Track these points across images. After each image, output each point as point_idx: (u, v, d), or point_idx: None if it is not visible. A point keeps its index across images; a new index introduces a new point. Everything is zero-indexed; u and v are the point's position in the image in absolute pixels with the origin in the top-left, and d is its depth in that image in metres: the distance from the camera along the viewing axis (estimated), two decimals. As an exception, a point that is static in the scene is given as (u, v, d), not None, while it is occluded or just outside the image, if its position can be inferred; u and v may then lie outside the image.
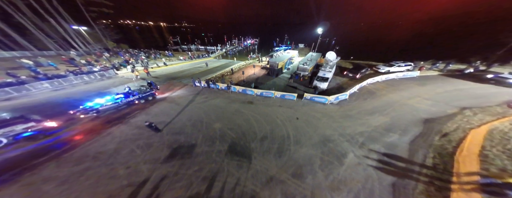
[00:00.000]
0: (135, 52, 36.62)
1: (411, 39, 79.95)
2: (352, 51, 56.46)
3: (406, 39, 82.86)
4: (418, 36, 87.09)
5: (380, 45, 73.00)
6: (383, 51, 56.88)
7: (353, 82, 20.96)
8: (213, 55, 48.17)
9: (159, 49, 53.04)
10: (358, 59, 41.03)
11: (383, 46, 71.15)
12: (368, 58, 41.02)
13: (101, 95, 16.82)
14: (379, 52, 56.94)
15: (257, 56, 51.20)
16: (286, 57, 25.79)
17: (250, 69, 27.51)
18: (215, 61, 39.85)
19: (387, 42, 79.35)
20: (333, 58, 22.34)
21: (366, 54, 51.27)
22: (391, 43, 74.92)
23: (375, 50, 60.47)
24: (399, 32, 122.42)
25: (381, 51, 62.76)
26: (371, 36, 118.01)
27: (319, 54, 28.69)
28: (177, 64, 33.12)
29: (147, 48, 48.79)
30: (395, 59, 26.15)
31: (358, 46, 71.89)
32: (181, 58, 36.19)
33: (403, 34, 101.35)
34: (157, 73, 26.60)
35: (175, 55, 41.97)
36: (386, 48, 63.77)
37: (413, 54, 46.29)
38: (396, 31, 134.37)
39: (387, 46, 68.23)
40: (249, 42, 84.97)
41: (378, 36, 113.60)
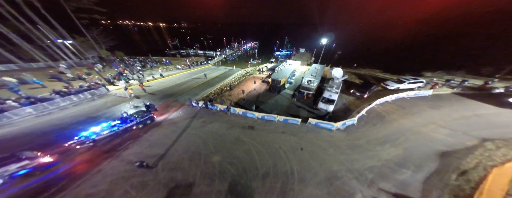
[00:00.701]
0: (130, 61, 35.23)
1: (414, 42, 77.87)
2: (354, 57, 54.94)
3: (409, 41, 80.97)
4: (422, 38, 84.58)
5: (380, 47, 71.42)
6: (385, 55, 55.05)
7: (361, 102, 19.75)
8: (212, 62, 46.85)
9: (157, 54, 51.91)
10: (362, 67, 39.96)
11: (385, 48, 69.19)
12: (372, 65, 39.88)
13: (91, 122, 15.65)
14: (382, 57, 55.15)
15: (257, 63, 50.07)
16: (288, 72, 24.50)
17: (250, 84, 26.22)
18: (214, 70, 38.57)
19: (390, 46, 77.11)
20: (339, 75, 21.00)
21: (369, 60, 50.13)
22: (395, 48, 72.85)
23: (377, 55, 58.60)
24: (400, 33, 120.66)
25: (381, 53, 61.86)
26: (373, 38, 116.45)
27: (324, 66, 27.32)
28: (174, 74, 31.81)
29: (144, 55, 47.47)
30: (400, 66, 25.15)
31: (361, 51, 69.98)
32: (179, 67, 34.85)
33: (405, 36, 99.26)
34: (153, 88, 25.29)
35: (172, 62, 40.65)
36: (386, 52, 62.70)
37: (417, 60, 44.42)
38: (397, 32, 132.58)
39: (390, 50, 66.19)
40: (249, 45, 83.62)
41: (380, 38, 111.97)
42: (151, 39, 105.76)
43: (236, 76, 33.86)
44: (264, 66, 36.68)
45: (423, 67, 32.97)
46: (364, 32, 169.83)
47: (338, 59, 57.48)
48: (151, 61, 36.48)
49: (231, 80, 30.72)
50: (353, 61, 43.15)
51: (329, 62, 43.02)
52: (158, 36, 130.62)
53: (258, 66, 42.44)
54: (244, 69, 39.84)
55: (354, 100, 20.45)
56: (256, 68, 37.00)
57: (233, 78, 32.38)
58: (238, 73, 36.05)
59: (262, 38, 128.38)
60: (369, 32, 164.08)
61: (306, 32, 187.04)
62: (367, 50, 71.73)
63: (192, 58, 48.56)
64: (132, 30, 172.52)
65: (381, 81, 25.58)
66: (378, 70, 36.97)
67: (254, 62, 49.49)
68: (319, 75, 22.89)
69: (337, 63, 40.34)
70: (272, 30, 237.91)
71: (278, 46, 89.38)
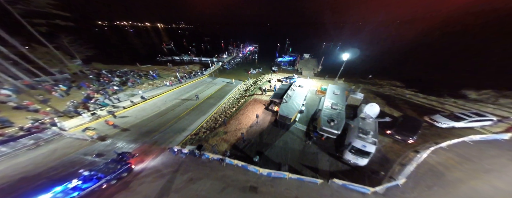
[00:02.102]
0: (106, 78, 28.52)
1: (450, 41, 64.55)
2: (368, 64, 47.86)
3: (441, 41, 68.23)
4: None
5: (400, 50, 62.70)
6: (408, 61, 47.59)
7: (402, 147, 14.56)
8: (207, 72, 41.55)
9: (147, 62, 46.58)
10: (378, 78, 34.52)
11: (407, 51, 60.79)
12: (392, 75, 34.22)
13: (27, 188, 10.73)
14: (405, 63, 47.85)
15: (258, 72, 44.80)
16: (299, 101, 19.14)
17: (251, 112, 21.02)
18: (209, 84, 33.31)
19: (414, 48, 66.25)
20: (375, 113, 15.60)
21: (388, 67, 43.53)
22: (421, 51, 63.39)
23: (398, 61, 50.89)
24: (430, 27, 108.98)
25: (402, 57, 53.36)
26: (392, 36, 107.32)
27: (344, 88, 21.80)
28: (159, 95, 26.56)
29: (131, 64, 42.14)
30: (432, 77, 19.87)
31: (376, 56, 62.04)
32: (167, 83, 29.57)
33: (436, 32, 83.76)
34: (128, 120, 20.04)
35: (161, 75, 35.36)
36: (411, 55, 54.65)
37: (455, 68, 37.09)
38: (424, 25, 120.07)
39: (415, 53, 58.48)
40: (248, 49, 78.22)
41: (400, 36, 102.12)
42: (145, 43, 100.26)
43: (234, 94, 28.68)
44: (267, 82, 31.37)
45: (465, 82, 26.51)
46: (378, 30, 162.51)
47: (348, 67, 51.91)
48: (134, 77, 30.61)
49: (229, 103, 25.55)
50: (367, 71, 37.77)
51: (336, 73, 37.54)
52: (153, 39, 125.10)
53: (259, 78, 37.23)
54: (244, 83, 34.68)
55: (391, 142, 15.22)
56: (257, 84, 31.66)
57: (230, 98, 27.19)
58: (237, 89, 30.86)
59: (262, 39, 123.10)
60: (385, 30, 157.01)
61: (308, 32, 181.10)
62: (386, 54, 62.62)
63: (186, 67, 43.24)
64: (129, 33, 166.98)
65: (416, 108, 20.33)
66: (399, 83, 31.70)
67: (254, 71, 44.26)
68: (343, 106, 17.51)
69: (347, 75, 34.93)
70: (272, 30, 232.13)
71: (279, 51, 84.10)
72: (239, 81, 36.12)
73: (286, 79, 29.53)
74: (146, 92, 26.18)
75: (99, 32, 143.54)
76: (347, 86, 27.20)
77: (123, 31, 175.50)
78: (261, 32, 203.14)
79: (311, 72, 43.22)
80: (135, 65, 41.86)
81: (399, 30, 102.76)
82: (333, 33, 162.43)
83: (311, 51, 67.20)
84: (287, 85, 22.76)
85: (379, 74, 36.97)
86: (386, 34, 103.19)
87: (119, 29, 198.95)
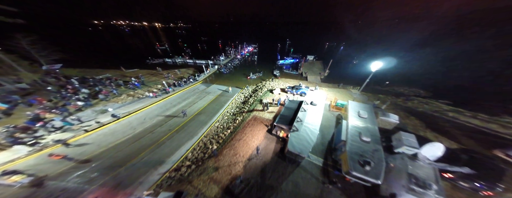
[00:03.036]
0: (70, 90, 21.82)
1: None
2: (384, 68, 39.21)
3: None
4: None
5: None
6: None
7: (467, 196, 10.13)
8: (201, 78, 36.92)
9: (135, 65, 41.80)
10: (398, 85, 29.68)
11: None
12: (413, 82, 29.02)
13: None
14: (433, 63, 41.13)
15: (258, 76, 40.28)
16: (315, 128, 14.53)
17: (250, 137, 16.48)
18: (201, 94, 28.69)
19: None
20: (436, 155, 10.90)
21: (408, 73, 36.04)
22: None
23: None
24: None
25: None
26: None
27: (371, 106, 17.05)
28: (139, 110, 21.95)
29: (115, 68, 37.37)
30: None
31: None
32: (150, 95, 24.86)
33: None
34: (88, 149, 15.40)
35: (146, 83, 30.66)
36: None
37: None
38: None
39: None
40: (248, 49, 73.52)
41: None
42: (137, 43, 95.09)
43: (230, 108, 24.15)
44: (269, 92, 26.77)
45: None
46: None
47: (357, 71, 47.05)
48: (111, 86, 25.15)
49: (223, 121, 21.01)
50: (383, 75, 33.06)
51: (346, 78, 32.91)
52: (148, 39, 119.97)
53: (260, 85, 32.65)
54: (241, 92, 30.15)
55: (448, 187, 10.74)
56: (257, 94, 27.06)
57: (225, 114, 22.64)
58: (234, 101, 26.33)
59: (261, 40, 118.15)
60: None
61: (309, 32, 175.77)
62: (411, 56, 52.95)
63: (177, 72, 38.54)
64: (124, 33, 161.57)
65: (471, 133, 15.82)
66: (424, 92, 27.02)
67: (254, 76, 39.70)
68: (378, 137, 12.84)
69: (355, 80, 30.00)
70: (272, 30, 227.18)
71: (280, 52, 79.36)
72: (237, 89, 31.56)
73: (292, 89, 24.83)
74: (122, 107, 21.52)
75: (89, 32, 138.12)
76: (366, 99, 22.71)
77: (119, 31, 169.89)
78: (260, 32, 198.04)
79: (318, 77, 38.68)
80: (119, 69, 37.13)
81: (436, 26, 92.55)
82: (335, 32, 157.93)
83: (313, 52, 62.59)
84: (295, 104, 18.05)
85: (397, 81, 32.48)
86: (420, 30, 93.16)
87: (115, 29, 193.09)
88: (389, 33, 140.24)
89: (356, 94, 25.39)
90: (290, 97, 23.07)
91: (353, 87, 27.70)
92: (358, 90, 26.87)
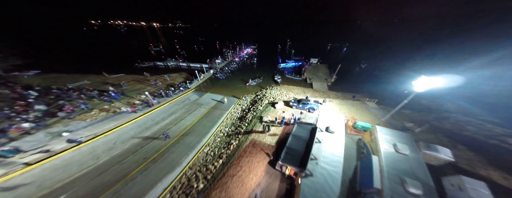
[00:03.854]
0: (20, 107, 16.93)
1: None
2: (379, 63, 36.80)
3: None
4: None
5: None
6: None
7: None
8: (194, 85, 32.85)
9: (122, 70, 37.63)
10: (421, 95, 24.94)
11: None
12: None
13: None
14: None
15: (257, 82, 36.15)
16: (337, 172, 10.52)
17: (247, 173, 12.50)
18: (191, 107, 24.66)
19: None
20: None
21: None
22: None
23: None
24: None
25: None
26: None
27: (410, 136, 12.71)
28: (110, 131, 17.84)
29: (95, 73, 33.15)
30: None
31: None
32: (127, 109, 20.62)
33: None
34: (24, 192, 11.33)
35: (128, 92, 26.50)
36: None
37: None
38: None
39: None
40: (247, 51, 69.47)
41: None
42: (130, 44, 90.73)
43: (224, 127, 20.12)
44: (270, 106, 22.72)
45: None
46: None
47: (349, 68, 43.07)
48: (81, 98, 20.77)
49: (214, 145, 16.98)
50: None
51: (357, 87, 28.52)
52: (142, 39, 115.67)
53: (259, 94, 28.65)
54: (239, 103, 26.22)
55: None
56: (256, 107, 23.00)
57: (218, 134, 18.61)
58: (229, 116, 22.31)
59: (261, 40, 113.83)
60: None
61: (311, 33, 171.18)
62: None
63: (167, 78, 34.39)
64: (119, 33, 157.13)
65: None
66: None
67: (253, 83, 35.72)
68: (430, 186, 8.86)
69: (350, 80, 25.60)
70: (272, 30, 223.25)
71: (280, 53, 75.31)
72: (234, 99, 27.57)
73: (298, 104, 20.61)
74: (88, 127, 17.36)
75: (83, 32, 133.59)
76: (385, 113, 18.66)
77: (114, 31, 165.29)
78: (259, 32, 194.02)
79: (324, 84, 34.71)
80: (100, 75, 32.93)
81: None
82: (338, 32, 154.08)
83: (316, 53, 58.64)
84: (306, 131, 13.79)
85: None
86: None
87: (111, 29, 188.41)
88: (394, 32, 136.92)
89: (374, 109, 21.45)
90: (296, 115, 19.06)
91: (369, 99, 23.71)
92: (375, 103, 22.92)
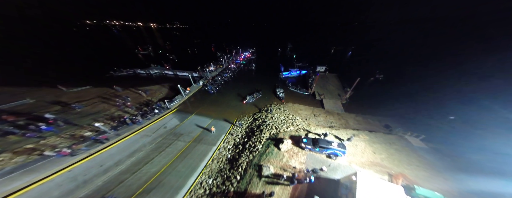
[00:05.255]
0: None
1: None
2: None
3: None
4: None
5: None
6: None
7: None
8: (176, 104, 25.95)
9: (89, 80, 30.84)
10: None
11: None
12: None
13: None
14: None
15: (256, 98, 29.22)
16: None
17: None
18: (166, 139, 17.99)
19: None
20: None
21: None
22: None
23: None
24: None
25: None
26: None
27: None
28: (16, 194, 11.04)
29: (52, 84, 26.21)
30: None
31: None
32: (59, 154, 13.88)
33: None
34: None
35: (80, 119, 19.67)
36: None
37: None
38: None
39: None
40: (244, 56, 62.95)
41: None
42: (117, 46, 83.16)
43: (207, 175, 13.39)
44: (272, 147, 16.09)
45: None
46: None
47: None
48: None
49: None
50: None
51: (379, 104, 22.40)
52: (132, 40, 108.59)
53: (259, 118, 22.03)
54: (231, 131, 19.67)
55: None
56: (254, 153, 16.26)
57: (195, 190, 11.93)
58: (216, 156, 15.59)
59: (260, 42, 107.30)
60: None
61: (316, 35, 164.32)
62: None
63: (143, 94, 27.51)
64: (112, 34, 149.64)
65: None
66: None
67: (252, 99, 29.17)
68: None
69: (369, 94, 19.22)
70: (271, 32, 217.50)
71: (281, 57, 69.04)
72: (225, 125, 20.94)
73: (312, 146, 13.81)
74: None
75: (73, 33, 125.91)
76: (441, 159, 12.27)
77: (107, 32, 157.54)
78: (259, 32, 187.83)
79: (338, 102, 28.17)
80: (55, 88, 25.96)
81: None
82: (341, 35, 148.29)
83: (319, 58, 52.27)
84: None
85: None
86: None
87: (105, 29, 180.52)
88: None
89: (424, 151, 15.03)
90: (311, 163, 12.48)
91: (410, 133, 17.28)
92: (420, 140, 16.48)
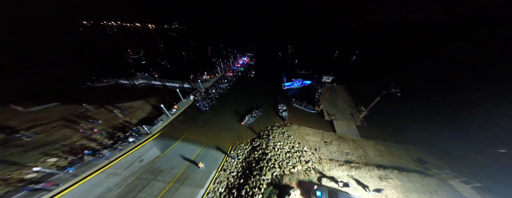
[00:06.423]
0: None
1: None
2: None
3: None
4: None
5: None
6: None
7: None
8: (157, 129, 21.42)
9: (58, 94, 26.15)
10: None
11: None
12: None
13: None
14: None
15: (256, 116, 24.57)
16: None
17: None
18: (142, 178, 13.53)
19: None
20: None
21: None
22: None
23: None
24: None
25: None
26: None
27: None
28: None
29: (9, 100, 21.50)
30: None
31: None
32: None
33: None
34: None
35: (26, 154, 15.13)
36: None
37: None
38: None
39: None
40: (242, 61, 58.63)
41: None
42: (106, 49, 77.26)
43: None
44: (271, 195, 11.71)
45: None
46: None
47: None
48: None
49: None
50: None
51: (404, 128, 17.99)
52: (125, 43, 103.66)
53: (259, 151, 17.66)
54: (223, 165, 15.30)
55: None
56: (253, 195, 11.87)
57: None
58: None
59: (260, 45, 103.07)
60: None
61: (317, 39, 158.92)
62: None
63: (119, 115, 23.01)
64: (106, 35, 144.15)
65: None
66: None
67: (251, 119, 24.90)
68: None
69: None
70: (271, 35, 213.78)
71: (281, 60, 64.97)
72: (217, 155, 16.52)
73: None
74: None
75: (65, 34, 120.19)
76: None
77: (100, 33, 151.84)
78: (258, 34, 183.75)
79: (352, 124, 23.91)
80: (6, 107, 21.21)
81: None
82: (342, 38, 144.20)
83: (324, 65, 47.83)
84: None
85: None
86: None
87: (100, 30, 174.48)
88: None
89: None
90: None
91: (453, 173, 13.07)
92: (470, 186, 12.31)
